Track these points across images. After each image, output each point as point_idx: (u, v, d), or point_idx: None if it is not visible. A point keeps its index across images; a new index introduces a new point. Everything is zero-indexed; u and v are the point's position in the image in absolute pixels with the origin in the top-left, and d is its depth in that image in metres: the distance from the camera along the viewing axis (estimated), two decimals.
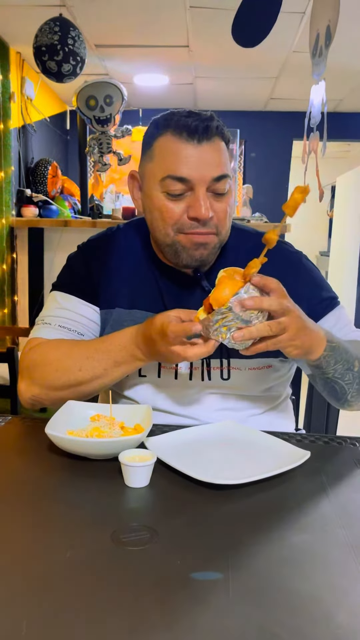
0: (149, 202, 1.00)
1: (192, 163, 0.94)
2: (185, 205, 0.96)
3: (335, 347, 0.96)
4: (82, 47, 2.93)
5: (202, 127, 0.95)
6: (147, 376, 1.08)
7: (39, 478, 0.83)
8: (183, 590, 0.58)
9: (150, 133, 1.01)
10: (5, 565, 0.62)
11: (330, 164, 5.65)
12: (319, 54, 2.27)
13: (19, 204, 3.82)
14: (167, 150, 0.96)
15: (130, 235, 1.14)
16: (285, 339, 0.87)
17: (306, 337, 0.90)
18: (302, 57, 3.43)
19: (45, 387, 1.03)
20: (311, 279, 1.11)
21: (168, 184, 0.96)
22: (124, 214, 3.66)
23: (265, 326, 0.85)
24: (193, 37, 3.44)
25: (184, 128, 0.95)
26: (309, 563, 0.64)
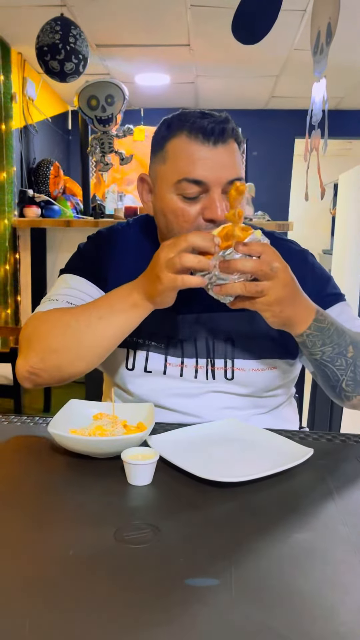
0: (163, 204, 0.99)
1: (208, 165, 0.93)
2: (200, 207, 0.95)
3: (323, 328, 0.94)
4: (84, 46, 2.93)
5: (218, 129, 0.93)
6: (153, 372, 1.08)
7: (41, 477, 0.83)
8: (186, 588, 0.58)
9: (162, 134, 0.99)
10: (8, 564, 0.62)
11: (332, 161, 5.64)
12: (320, 51, 2.27)
13: (21, 205, 3.83)
14: (182, 152, 0.95)
15: (140, 231, 1.14)
16: (263, 302, 0.87)
17: (288, 308, 0.89)
18: (303, 55, 3.43)
19: (42, 351, 0.98)
20: (316, 276, 1.11)
21: (184, 187, 0.94)
22: (126, 213, 3.66)
23: (241, 284, 0.85)
24: (194, 36, 3.44)
25: (199, 130, 0.93)
26: (312, 560, 0.64)
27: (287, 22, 3.05)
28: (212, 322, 1.06)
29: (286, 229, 3.70)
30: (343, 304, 1.11)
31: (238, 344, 1.06)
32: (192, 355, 1.07)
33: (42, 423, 1.02)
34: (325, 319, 0.95)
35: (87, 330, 0.96)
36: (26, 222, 3.71)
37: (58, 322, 0.99)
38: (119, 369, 1.10)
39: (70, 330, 0.97)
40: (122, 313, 0.95)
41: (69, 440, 0.86)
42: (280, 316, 0.89)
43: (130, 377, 1.09)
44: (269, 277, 0.85)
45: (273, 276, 0.85)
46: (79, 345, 0.97)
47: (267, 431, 0.97)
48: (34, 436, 0.98)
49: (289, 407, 1.19)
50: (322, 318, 0.95)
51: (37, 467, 0.86)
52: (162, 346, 1.07)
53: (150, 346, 1.07)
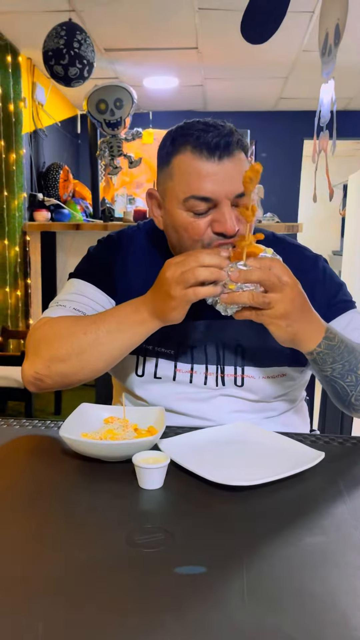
0: (172, 220, 0.98)
1: (215, 181, 0.92)
2: (210, 219, 0.95)
3: (334, 346, 0.93)
4: (89, 51, 2.94)
5: (223, 144, 0.92)
6: (162, 378, 1.08)
7: (53, 481, 0.83)
8: (198, 592, 0.58)
9: (167, 149, 0.98)
10: (21, 568, 0.62)
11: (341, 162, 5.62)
12: (328, 52, 2.26)
13: (31, 208, 3.85)
14: (188, 169, 0.94)
15: (150, 236, 1.13)
16: (269, 314, 0.86)
17: (296, 324, 0.88)
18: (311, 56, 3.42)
19: (49, 358, 0.99)
20: (327, 282, 1.09)
21: (192, 204, 0.94)
22: (136, 216, 3.67)
23: (248, 294, 0.85)
24: (202, 38, 3.45)
25: (203, 145, 0.92)
26: (324, 564, 0.63)
27: (295, 23, 3.05)
28: (223, 329, 1.06)
29: (295, 230, 3.68)
30: (353, 311, 1.10)
31: (248, 352, 1.06)
32: (202, 361, 1.06)
33: (53, 426, 1.03)
34: (336, 337, 0.94)
35: (95, 343, 0.97)
36: (36, 225, 3.73)
37: (66, 332, 1.00)
38: (129, 376, 1.10)
39: (77, 342, 0.98)
40: (129, 329, 0.96)
41: (81, 444, 0.86)
42: (287, 331, 0.88)
43: (140, 383, 1.09)
44: (277, 289, 0.85)
45: (281, 289, 0.85)
46: (85, 356, 0.98)
47: (278, 434, 0.97)
48: (45, 439, 0.98)
49: (299, 411, 1.18)
50: (332, 335, 0.94)
51: (48, 471, 0.86)
52: (171, 352, 1.07)
53: (160, 353, 1.07)
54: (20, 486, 0.82)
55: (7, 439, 1.00)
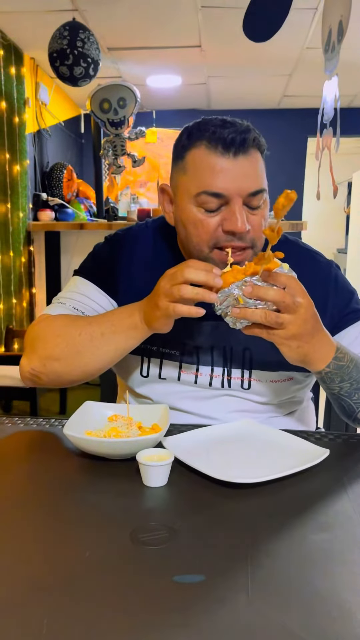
0: (183, 216, 0.97)
1: (228, 178, 0.90)
2: (220, 218, 0.93)
3: (343, 366, 0.92)
4: (92, 49, 2.94)
5: (239, 140, 0.90)
6: (167, 379, 1.07)
7: (57, 478, 0.84)
8: (202, 589, 0.57)
9: (182, 144, 0.96)
10: (25, 565, 0.62)
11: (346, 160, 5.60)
12: (331, 49, 2.25)
13: (35, 208, 3.86)
14: (202, 164, 0.92)
15: (158, 234, 1.12)
16: (280, 335, 0.85)
17: (307, 346, 0.87)
18: (315, 54, 3.41)
19: (45, 356, 1.01)
20: (339, 291, 1.08)
21: (203, 200, 0.92)
22: (140, 215, 3.67)
23: (261, 312, 0.83)
24: (205, 37, 3.44)
25: (219, 141, 0.90)
26: (329, 562, 0.63)
27: (298, 20, 3.04)
28: (230, 332, 1.05)
29: (300, 229, 3.68)
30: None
31: (256, 356, 1.05)
32: (208, 363, 1.05)
33: (57, 425, 1.03)
34: (345, 356, 0.93)
35: (89, 344, 0.98)
36: (40, 225, 3.73)
37: (62, 331, 1.01)
38: (134, 376, 1.10)
39: (73, 342, 0.99)
40: (122, 333, 0.97)
41: (85, 442, 0.86)
42: (298, 352, 0.87)
43: (144, 384, 1.09)
44: (291, 310, 0.84)
45: (295, 310, 0.84)
46: (79, 357, 0.99)
47: (283, 432, 0.97)
48: (49, 438, 0.98)
49: (305, 410, 1.18)
50: (342, 355, 0.93)
51: (52, 469, 0.87)
52: (176, 353, 1.06)
53: (164, 354, 1.07)
54: (25, 484, 0.82)
55: (11, 437, 1.00)
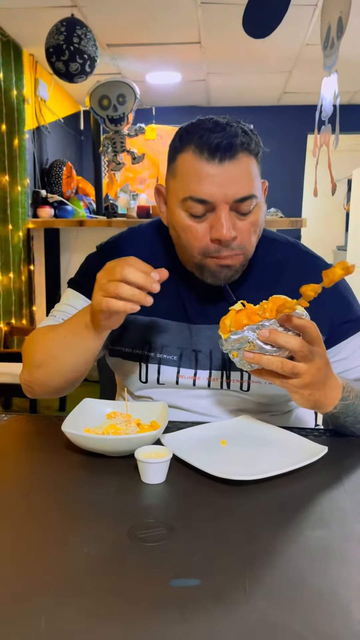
0: (173, 219, 0.97)
1: (214, 184, 0.89)
2: (207, 225, 0.93)
3: (349, 405, 0.92)
4: (89, 45, 2.92)
5: (224, 145, 0.89)
6: (165, 384, 1.07)
7: (56, 476, 0.84)
8: (200, 587, 0.58)
9: (174, 146, 0.96)
10: (23, 562, 0.62)
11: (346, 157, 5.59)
12: (330, 45, 2.25)
13: (35, 205, 3.85)
14: (189, 169, 0.92)
15: (152, 237, 1.11)
16: (295, 384, 0.83)
17: (319, 393, 0.86)
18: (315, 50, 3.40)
19: (29, 365, 1.04)
20: (339, 295, 1.07)
21: (189, 205, 0.92)
22: (139, 212, 3.67)
23: (278, 361, 0.80)
24: (204, 33, 3.43)
25: (205, 146, 0.89)
26: (327, 559, 0.63)
27: (298, 17, 3.03)
28: None
29: (299, 226, 3.67)
30: None
31: None
32: (206, 367, 1.05)
33: (56, 422, 1.03)
34: (350, 394, 0.92)
35: (59, 348, 0.99)
36: (40, 222, 3.73)
37: (42, 339, 1.03)
38: (133, 382, 1.10)
39: (47, 348, 1.01)
40: (78, 333, 0.95)
41: (83, 439, 0.86)
42: (309, 399, 0.86)
43: (143, 389, 1.09)
44: (308, 359, 0.82)
45: (312, 359, 0.82)
46: (54, 362, 1.01)
47: (281, 429, 0.97)
48: (48, 435, 0.99)
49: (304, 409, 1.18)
50: (347, 394, 0.92)
51: (51, 466, 0.87)
52: (174, 358, 1.05)
53: (161, 359, 1.06)
54: (23, 481, 0.83)
55: (11, 434, 1.00)
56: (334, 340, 1.05)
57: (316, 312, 1.03)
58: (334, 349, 1.05)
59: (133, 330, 1.06)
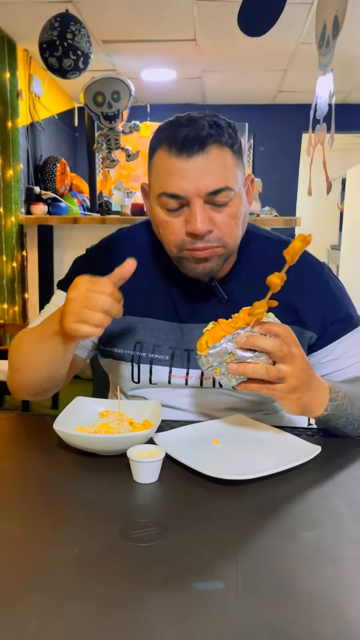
0: (152, 215, 0.99)
1: (184, 178, 0.90)
2: (183, 219, 0.93)
3: (338, 405, 0.92)
4: (83, 41, 2.91)
5: (191, 138, 0.88)
6: (158, 384, 1.06)
7: (47, 474, 0.83)
8: (192, 587, 0.57)
9: (151, 144, 0.97)
10: (14, 562, 0.62)
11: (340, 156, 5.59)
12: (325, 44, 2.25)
13: (28, 202, 3.83)
14: (162, 165, 0.93)
15: (142, 237, 1.10)
16: (281, 389, 0.82)
17: (306, 396, 0.85)
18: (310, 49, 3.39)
19: (11, 368, 1.05)
20: (331, 294, 1.06)
21: (164, 201, 0.93)
22: (133, 210, 3.66)
23: (263, 368, 0.80)
24: (200, 30, 3.42)
25: (173, 142, 0.90)
26: (320, 558, 0.63)
27: (293, 15, 3.03)
28: None
29: (293, 224, 3.67)
30: (356, 332, 1.06)
31: None
32: (198, 366, 1.04)
33: (48, 420, 1.02)
34: (338, 394, 0.92)
35: (33, 351, 0.99)
36: (33, 219, 3.71)
37: (21, 341, 1.04)
38: (126, 382, 1.09)
39: (24, 351, 1.02)
40: (49, 339, 0.93)
41: (75, 438, 0.85)
42: (298, 404, 0.86)
43: (136, 389, 1.09)
44: (288, 360, 0.81)
45: (292, 360, 0.82)
46: (29, 365, 1.01)
47: (275, 428, 0.96)
48: (40, 433, 0.98)
49: None
50: (335, 395, 0.91)
51: (42, 465, 0.86)
52: (166, 358, 1.05)
53: (153, 359, 1.05)
54: (15, 480, 0.82)
55: (2, 432, 0.99)
56: (325, 340, 1.04)
57: (307, 310, 1.03)
58: (326, 349, 1.04)
59: (124, 331, 1.06)
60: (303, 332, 1.03)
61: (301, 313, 1.03)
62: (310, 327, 1.04)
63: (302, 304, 1.04)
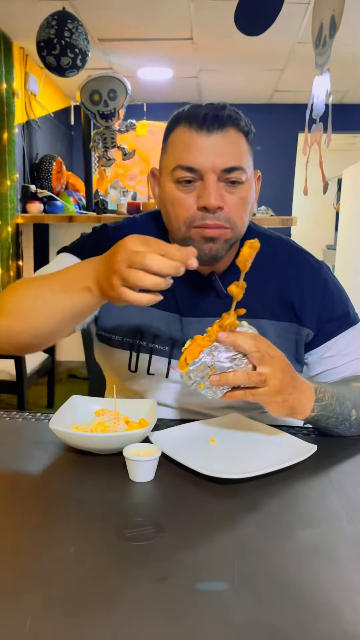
0: (163, 194, 0.99)
1: (201, 152, 0.93)
2: (195, 195, 0.95)
3: (326, 406, 0.91)
4: (81, 39, 2.90)
5: (211, 116, 0.93)
6: (155, 374, 1.07)
7: (43, 473, 0.83)
8: (188, 587, 0.57)
9: (168, 127, 1.01)
10: (10, 561, 0.61)
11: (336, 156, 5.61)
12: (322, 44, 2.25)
13: (24, 200, 3.82)
14: (179, 141, 0.96)
15: (147, 228, 1.11)
16: (265, 392, 0.83)
17: (292, 397, 0.86)
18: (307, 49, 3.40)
19: (0, 311, 0.94)
20: (329, 292, 1.07)
21: (178, 175, 0.94)
22: (129, 208, 3.65)
23: (244, 374, 0.81)
24: (197, 29, 3.42)
25: (194, 118, 0.94)
26: (316, 558, 0.63)
27: (290, 15, 3.03)
28: None
29: (289, 224, 3.67)
30: (352, 330, 1.06)
31: None
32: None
33: (44, 419, 1.02)
34: (325, 394, 0.92)
35: (40, 301, 0.90)
36: (29, 217, 3.70)
37: (21, 288, 0.95)
38: (122, 370, 1.09)
39: (23, 298, 0.92)
40: (74, 293, 0.86)
41: (71, 437, 0.85)
42: (285, 406, 0.86)
43: (132, 378, 1.08)
44: (267, 360, 0.82)
45: (271, 361, 0.82)
46: (29, 314, 0.91)
47: (271, 427, 0.96)
48: (36, 432, 0.97)
49: None
50: (322, 395, 0.91)
51: (38, 464, 0.86)
52: (165, 349, 1.05)
53: (153, 349, 1.06)
54: (10, 478, 0.81)
55: None
56: (322, 337, 1.05)
57: (305, 307, 1.04)
58: (323, 346, 1.05)
59: (124, 319, 1.06)
60: (300, 329, 1.04)
61: (298, 310, 1.04)
62: (307, 324, 1.04)
63: (300, 301, 1.05)
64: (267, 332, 1.04)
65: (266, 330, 1.04)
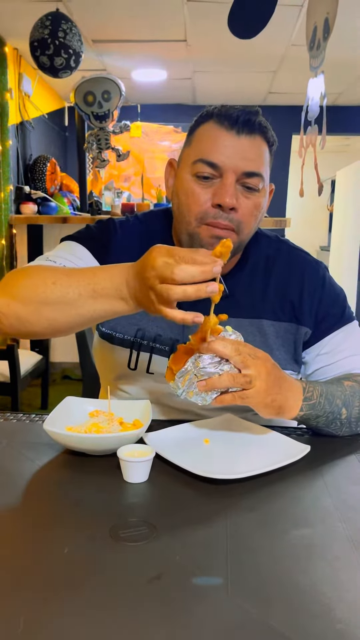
0: (179, 185, 1.00)
1: (226, 151, 0.94)
2: (212, 192, 0.95)
3: (315, 404, 0.92)
4: (74, 40, 2.90)
5: (243, 119, 0.94)
6: (155, 374, 1.07)
7: (37, 474, 0.83)
8: (182, 586, 0.57)
9: (196, 121, 1.01)
10: (3, 561, 0.61)
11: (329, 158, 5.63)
12: (316, 46, 2.26)
13: (18, 201, 3.82)
14: (206, 136, 0.97)
15: (151, 225, 1.12)
16: (253, 394, 0.83)
17: (279, 397, 0.86)
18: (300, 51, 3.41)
19: (10, 296, 0.89)
20: (327, 289, 1.08)
21: (199, 168, 0.95)
22: (123, 209, 3.65)
23: (229, 376, 0.81)
24: (191, 31, 3.43)
25: (226, 117, 0.95)
26: (309, 557, 0.63)
27: (284, 17, 3.04)
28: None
29: (283, 226, 3.69)
30: (347, 328, 1.07)
31: None
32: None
33: (38, 420, 1.02)
34: (313, 393, 0.92)
35: (62, 298, 0.86)
36: (23, 218, 3.69)
37: (36, 275, 0.90)
38: (120, 368, 1.09)
39: (44, 289, 0.87)
40: (105, 301, 0.84)
41: (65, 438, 0.85)
42: (273, 406, 0.86)
43: (130, 376, 1.08)
44: (249, 362, 0.82)
45: (254, 363, 0.82)
46: (46, 308, 0.87)
47: (265, 428, 0.97)
48: (29, 433, 0.97)
49: None
50: (310, 394, 0.92)
51: (32, 465, 0.86)
52: (166, 349, 1.06)
53: (154, 348, 1.06)
54: (3, 480, 0.81)
55: None
56: (318, 334, 1.06)
57: (303, 306, 1.05)
58: (319, 344, 1.07)
59: (127, 317, 1.06)
60: (299, 328, 1.06)
61: (297, 310, 1.06)
62: (305, 323, 1.06)
63: (299, 300, 1.06)
64: (267, 333, 1.04)
65: (266, 330, 1.04)
